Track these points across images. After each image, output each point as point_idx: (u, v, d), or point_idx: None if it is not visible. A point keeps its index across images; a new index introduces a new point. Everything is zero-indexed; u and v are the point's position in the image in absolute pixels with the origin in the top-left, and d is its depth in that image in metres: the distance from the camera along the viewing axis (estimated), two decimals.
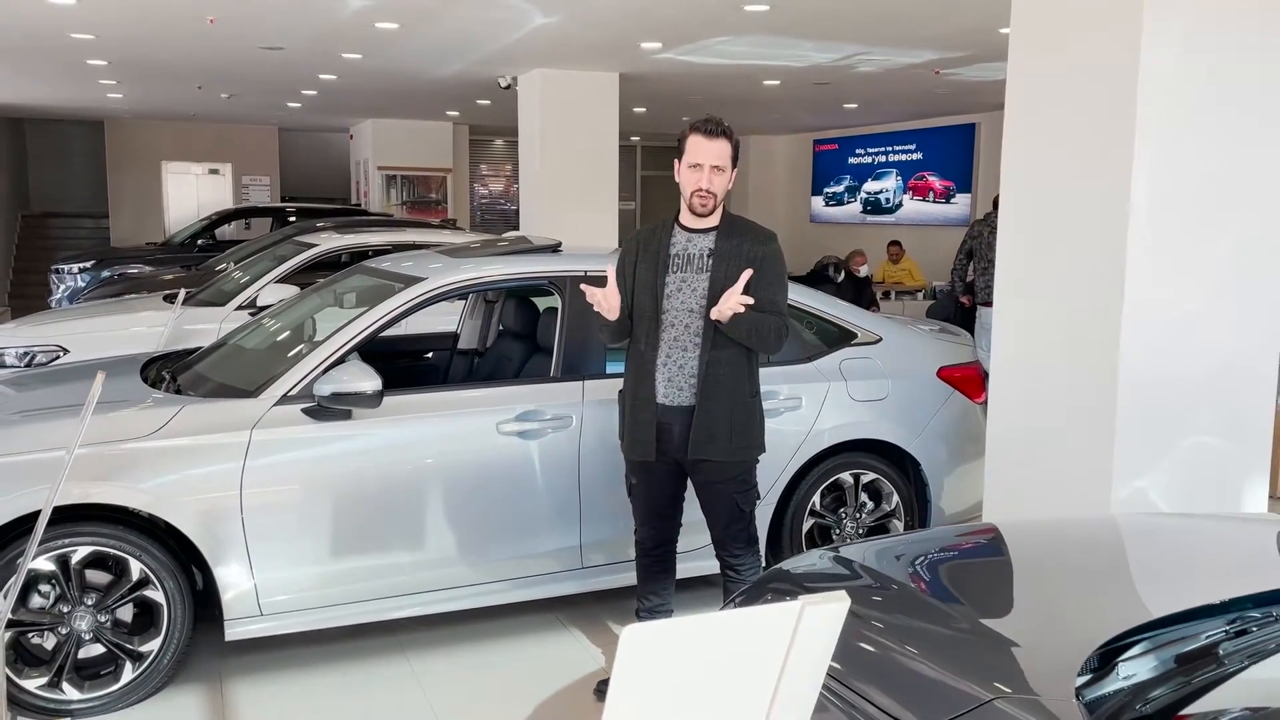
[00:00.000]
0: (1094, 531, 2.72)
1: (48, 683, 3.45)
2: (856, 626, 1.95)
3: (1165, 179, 3.63)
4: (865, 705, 1.69)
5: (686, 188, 3.38)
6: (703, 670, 1.55)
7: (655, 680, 1.52)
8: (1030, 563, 2.33)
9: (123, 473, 3.47)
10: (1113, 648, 1.75)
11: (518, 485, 3.97)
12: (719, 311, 3.22)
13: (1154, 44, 3.55)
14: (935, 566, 2.26)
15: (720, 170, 3.34)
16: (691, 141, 3.34)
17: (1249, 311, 3.85)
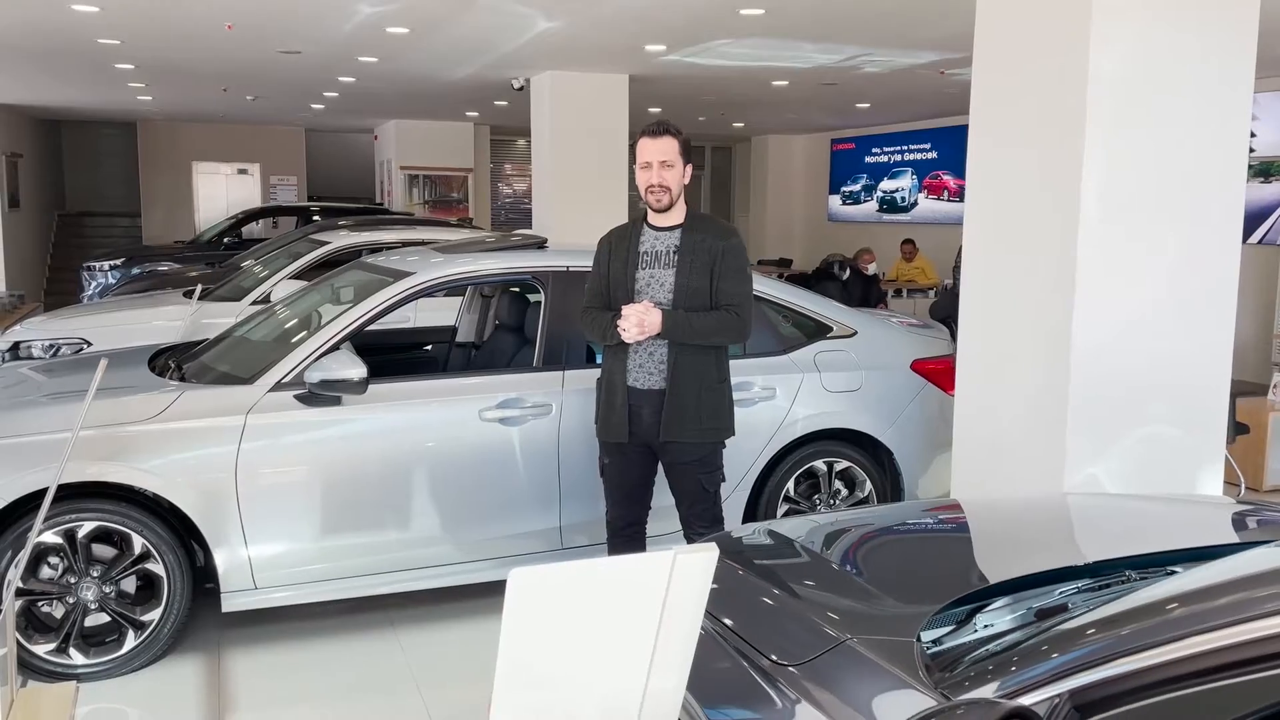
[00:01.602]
0: (1021, 509, 2.89)
1: (56, 648, 3.71)
2: (753, 584, 2.14)
3: (1115, 180, 3.78)
4: (746, 648, 1.89)
5: (641, 187, 3.58)
6: (589, 613, 1.75)
7: (544, 622, 1.73)
8: (941, 535, 2.52)
9: (126, 453, 3.72)
10: (983, 605, 1.93)
11: (500, 469, 4.18)
12: (626, 336, 3.47)
13: (1102, 51, 3.71)
14: (846, 538, 2.45)
15: (669, 165, 3.54)
16: (640, 144, 3.57)
17: (1200, 307, 3.98)
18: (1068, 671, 1.30)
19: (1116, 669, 1.25)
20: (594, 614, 1.75)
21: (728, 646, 1.94)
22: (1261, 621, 1.16)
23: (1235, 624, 1.17)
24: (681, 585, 1.76)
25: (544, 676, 1.77)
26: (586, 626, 1.76)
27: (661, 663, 1.82)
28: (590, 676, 1.80)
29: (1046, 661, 1.33)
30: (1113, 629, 1.31)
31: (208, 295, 7.56)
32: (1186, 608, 1.26)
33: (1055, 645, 1.35)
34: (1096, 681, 1.26)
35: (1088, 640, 1.33)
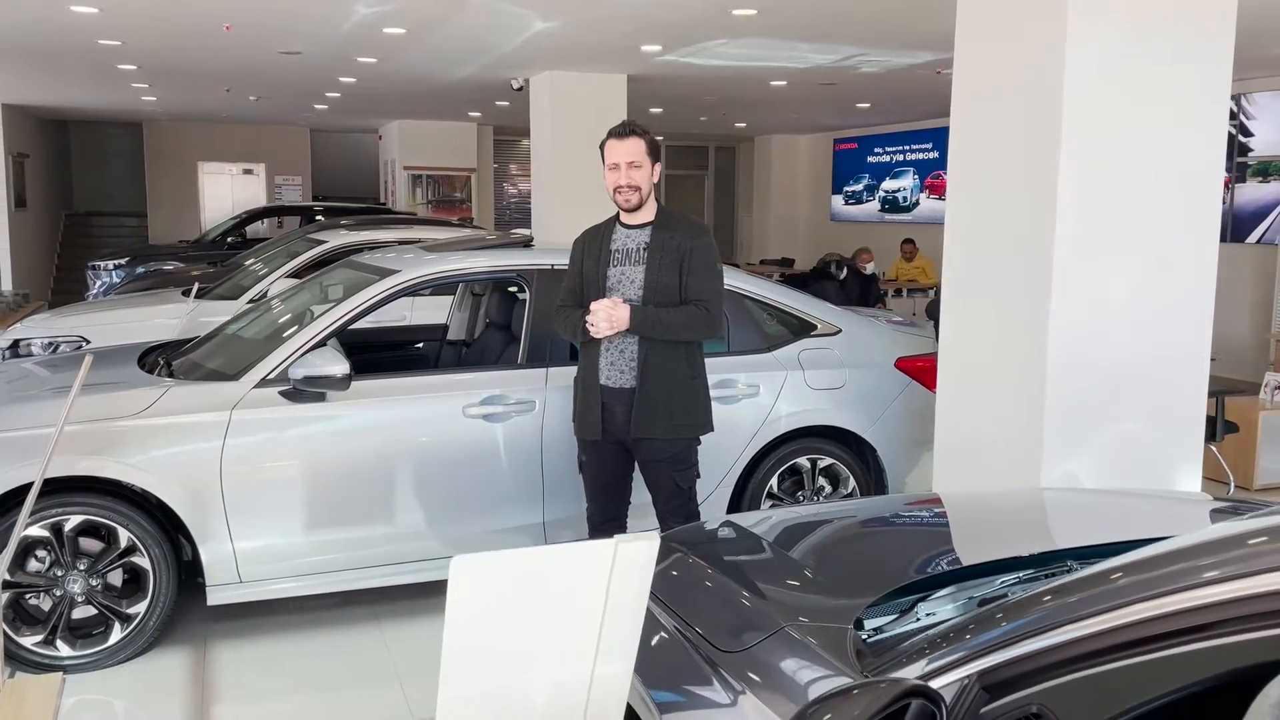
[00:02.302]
0: (987, 502, 2.92)
1: (43, 640, 3.77)
2: (708, 575, 2.18)
3: (1090, 181, 3.81)
4: (694, 635, 1.93)
5: (610, 188, 3.62)
6: (533, 600, 1.79)
7: (488, 609, 1.77)
8: (898, 527, 2.55)
9: (112, 448, 3.78)
10: (928, 594, 1.97)
11: (484, 465, 4.23)
12: (596, 331, 3.51)
13: (1078, 52, 3.73)
14: (804, 531, 2.49)
15: (637, 165, 3.58)
16: (607, 147, 3.60)
17: (1177, 306, 4.01)
18: (976, 654, 1.34)
19: (1019, 650, 1.29)
20: (539, 601, 1.79)
21: (678, 634, 1.98)
22: (1154, 601, 1.20)
23: (1130, 604, 1.21)
24: (624, 573, 1.80)
25: (491, 663, 1.82)
26: (532, 614, 1.80)
27: (608, 649, 1.86)
28: (538, 663, 1.85)
29: (957, 645, 1.37)
30: (1016, 613, 1.35)
31: (206, 294, 7.63)
32: (1086, 590, 1.29)
33: (965, 630, 1.39)
34: (1002, 662, 1.30)
35: (993, 624, 1.36)
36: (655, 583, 2.25)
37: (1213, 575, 1.17)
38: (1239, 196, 10.08)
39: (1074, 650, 1.24)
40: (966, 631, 1.38)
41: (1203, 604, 1.16)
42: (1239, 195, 10.08)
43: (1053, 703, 1.45)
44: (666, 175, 19.66)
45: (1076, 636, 1.23)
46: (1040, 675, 1.28)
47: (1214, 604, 1.16)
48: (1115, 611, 1.21)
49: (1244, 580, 1.19)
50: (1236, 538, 1.30)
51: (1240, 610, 1.17)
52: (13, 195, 13.96)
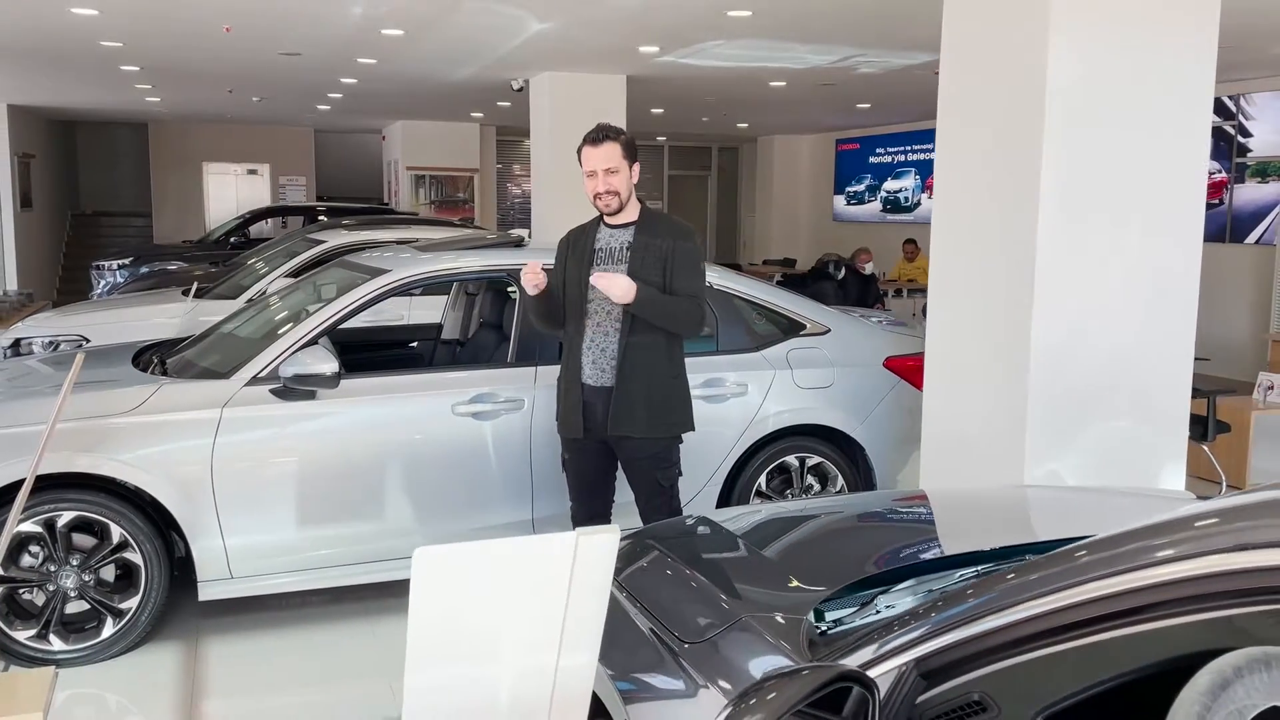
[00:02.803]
0: (962, 499, 2.95)
1: (36, 634, 3.82)
2: (677, 569, 2.22)
3: (1073, 181, 3.84)
4: (659, 627, 1.97)
5: (589, 195, 3.65)
6: (497, 592, 1.83)
7: (452, 600, 1.81)
8: (870, 523, 2.59)
9: (105, 445, 3.83)
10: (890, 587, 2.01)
11: (473, 463, 4.27)
12: (603, 286, 3.50)
13: (1060, 53, 3.76)
14: (776, 527, 2.53)
15: (614, 171, 3.60)
16: (583, 154, 3.63)
17: (1161, 306, 4.04)
18: (912, 643, 1.38)
19: (951, 637, 1.32)
20: (502, 593, 1.83)
21: (646, 627, 2.02)
22: (1077, 588, 1.23)
23: (1053, 591, 1.25)
24: (586, 565, 1.83)
25: (456, 653, 1.85)
26: (495, 605, 1.84)
27: (572, 640, 1.90)
28: (503, 653, 1.88)
29: (895, 634, 1.41)
30: (948, 603, 1.38)
31: (206, 293, 7.69)
32: (1012, 579, 1.33)
33: (903, 620, 1.42)
34: (936, 650, 1.34)
35: (928, 614, 1.40)
36: (626, 576, 2.30)
37: (1133, 562, 1.20)
38: (1238, 197, 10.09)
39: (1003, 636, 1.27)
40: (904, 621, 1.41)
41: (1126, 589, 1.20)
42: (1238, 196, 10.09)
43: (994, 690, 1.49)
44: (670, 176, 19.72)
45: (1004, 623, 1.27)
46: (974, 661, 1.32)
47: (1137, 589, 1.19)
48: (1041, 599, 1.25)
49: (1175, 564, 1.22)
50: (1170, 524, 1.33)
51: (1169, 594, 1.20)
52: (18, 195, 14.05)
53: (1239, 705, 1.32)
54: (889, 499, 2.95)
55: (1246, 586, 1.18)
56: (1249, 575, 1.17)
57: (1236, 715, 1.32)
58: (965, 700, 1.48)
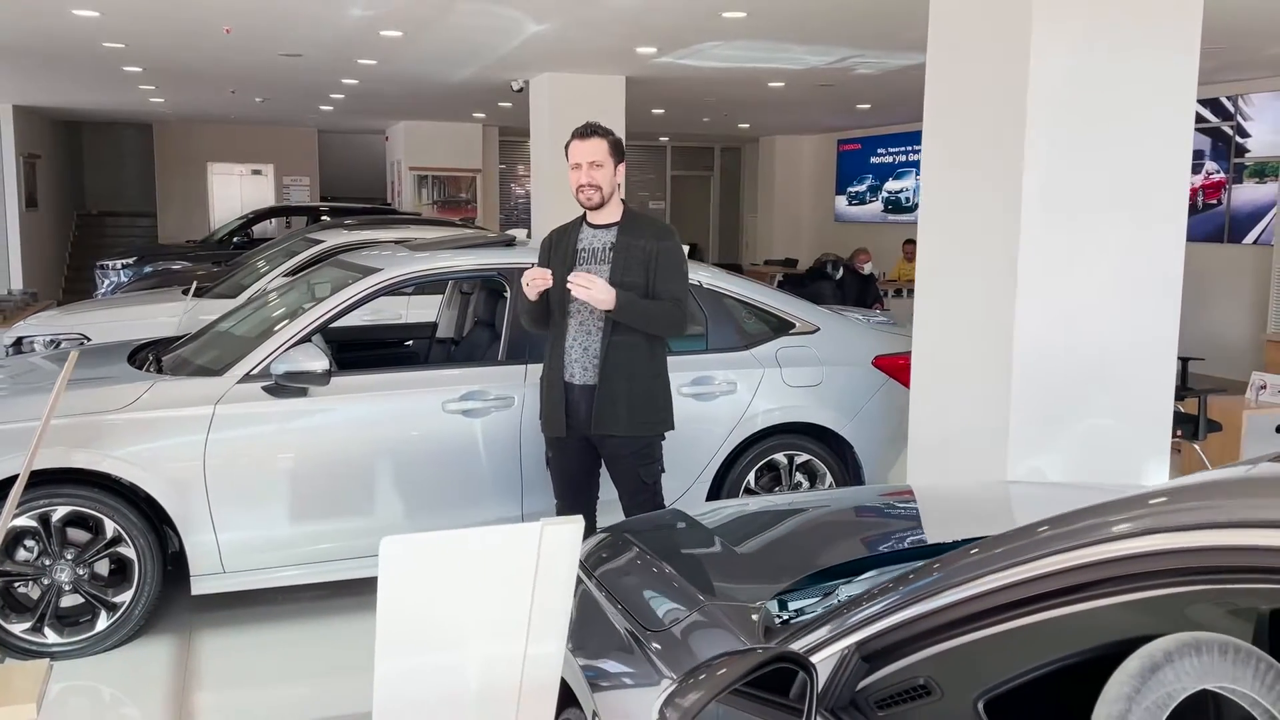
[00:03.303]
0: (940, 494, 3.00)
1: (31, 627, 3.88)
2: (647, 562, 2.27)
3: (1055, 179, 3.87)
4: (628, 617, 2.02)
5: (573, 187, 3.70)
6: (464, 581, 1.88)
7: (420, 589, 1.86)
8: (841, 517, 2.63)
9: (99, 441, 3.88)
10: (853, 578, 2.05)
11: (463, 459, 4.32)
12: (578, 292, 3.54)
13: (1042, 54, 3.80)
14: (749, 521, 2.58)
15: (599, 165, 3.65)
16: (570, 147, 3.68)
17: (1144, 303, 4.07)
18: (853, 627, 1.42)
19: (889, 621, 1.36)
20: (469, 581, 1.88)
21: (615, 616, 2.07)
22: (1007, 571, 1.27)
23: (982, 575, 1.29)
24: (551, 554, 1.88)
25: (425, 640, 1.90)
26: (463, 593, 1.89)
27: (539, 628, 1.95)
28: (471, 641, 1.93)
29: (839, 620, 1.45)
30: (886, 589, 1.43)
31: (206, 292, 7.76)
32: (951, 563, 1.37)
33: (849, 605, 1.47)
34: (875, 634, 1.38)
35: (870, 599, 1.44)
36: (598, 569, 2.34)
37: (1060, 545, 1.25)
38: (1236, 197, 10.10)
39: (937, 620, 1.32)
40: (847, 607, 1.46)
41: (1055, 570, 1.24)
42: (1236, 196, 10.10)
43: (937, 674, 1.53)
44: (672, 176, 19.76)
45: (936, 607, 1.31)
46: (912, 644, 1.36)
47: (1064, 570, 1.23)
48: (971, 582, 1.29)
49: (1103, 545, 1.26)
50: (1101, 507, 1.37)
51: (1097, 574, 1.24)
52: (24, 196, 14.15)
53: (1168, 689, 1.36)
54: (871, 494, 2.98)
55: (1176, 566, 1.21)
56: (1177, 555, 1.20)
57: (1165, 698, 1.36)
58: (911, 684, 1.52)
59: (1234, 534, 1.15)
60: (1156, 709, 1.36)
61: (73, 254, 17.49)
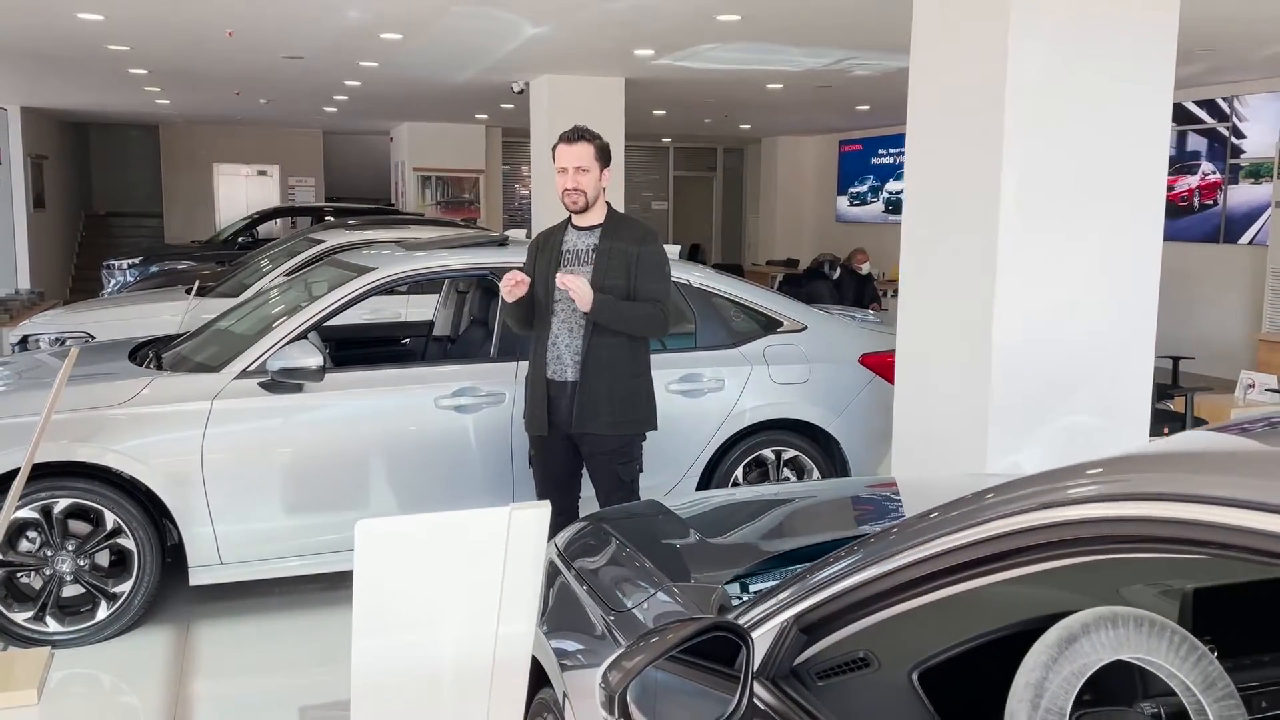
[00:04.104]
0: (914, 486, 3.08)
1: (33, 616, 3.99)
2: (619, 549, 2.36)
3: (1033, 179, 3.96)
4: (597, 600, 2.11)
5: (558, 190, 3.78)
6: (437, 563, 1.97)
7: (394, 570, 1.95)
8: (812, 506, 2.72)
9: (100, 435, 3.99)
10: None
11: (455, 454, 4.42)
12: (568, 287, 3.63)
13: (1019, 52, 3.88)
14: (720, 511, 2.67)
15: (585, 170, 3.74)
16: (557, 151, 3.76)
17: (1121, 301, 4.15)
18: (791, 601, 1.51)
19: (823, 595, 1.45)
20: (441, 563, 1.97)
21: (586, 600, 2.16)
22: (926, 545, 1.36)
23: (910, 548, 1.37)
24: (519, 538, 1.98)
25: (400, 622, 2.00)
26: (435, 574, 1.98)
27: (509, 608, 2.04)
28: (444, 621, 2.03)
29: (780, 595, 1.54)
30: (822, 564, 1.52)
31: (209, 291, 7.87)
32: (880, 540, 1.46)
33: (790, 581, 1.56)
34: (810, 606, 1.47)
35: (808, 575, 1.53)
36: (573, 555, 2.44)
37: (982, 516, 1.33)
38: (1232, 198, 10.16)
39: (865, 591, 1.41)
40: (787, 584, 1.55)
41: (975, 540, 1.32)
42: (1232, 197, 10.16)
43: (875, 647, 1.62)
44: (675, 177, 19.84)
45: (864, 579, 1.40)
46: (845, 616, 1.45)
47: (985, 539, 1.31)
48: (898, 555, 1.38)
49: (1014, 517, 1.33)
50: (1016, 482, 1.46)
51: (1011, 544, 1.31)
52: (32, 196, 14.29)
53: (1085, 660, 1.45)
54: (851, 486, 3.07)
55: (1081, 536, 1.27)
56: (1085, 525, 1.26)
57: (1082, 668, 1.44)
58: (851, 657, 1.61)
59: (1143, 506, 1.21)
60: (1074, 678, 1.45)
61: (79, 254, 17.64)
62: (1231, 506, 1.09)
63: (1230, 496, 1.09)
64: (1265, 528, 1.04)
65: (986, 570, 1.32)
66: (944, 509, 1.39)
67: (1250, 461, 1.22)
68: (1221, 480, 1.14)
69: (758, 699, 1.50)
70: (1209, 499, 1.11)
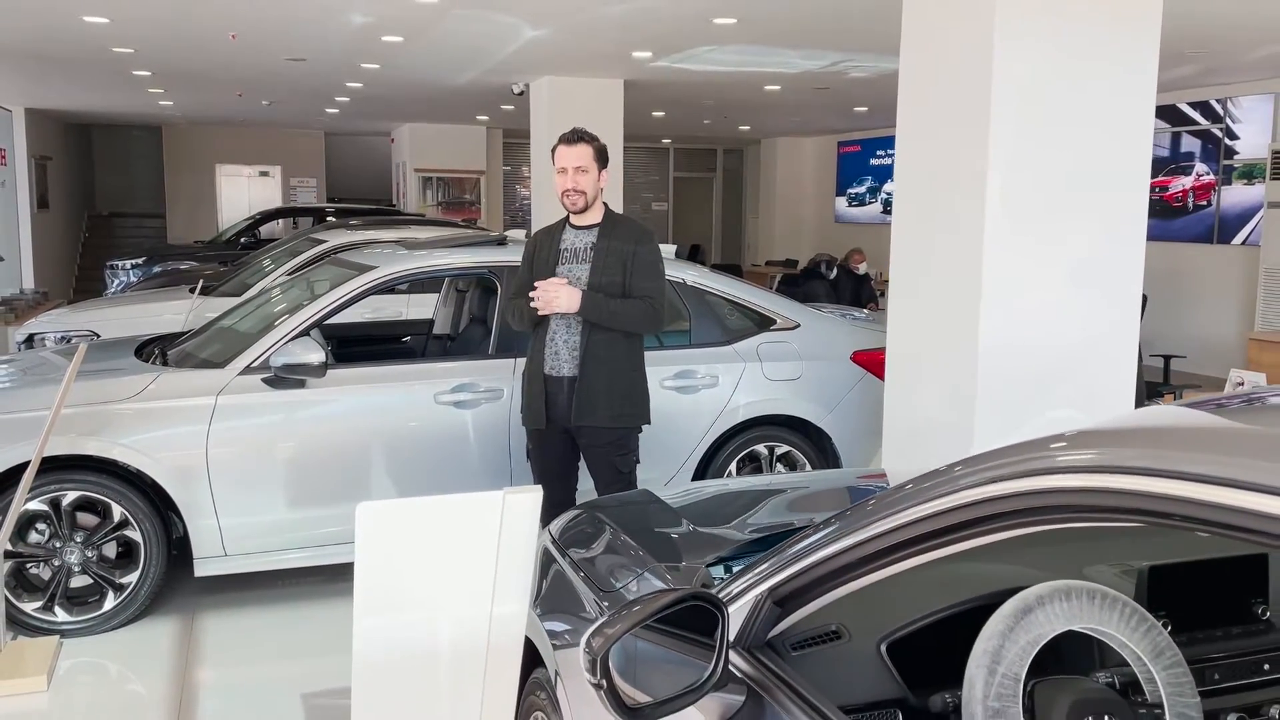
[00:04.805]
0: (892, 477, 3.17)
1: (42, 606, 4.09)
2: (606, 533, 2.46)
3: (1017, 179, 4.04)
4: (588, 583, 2.21)
5: (558, 191, 3.88)
6: (434, 544, 2.07)
7: (393, 552, 2.05)
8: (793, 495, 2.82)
9: (107, 429, 4.09)
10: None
11: (454, 448, 4.51)
12: (543, 307, 3.77)
13: (1004, 57, 3.97)
14: (708, 500, 2.77)
15: (584, 171, 3.83)
16: (557, 152, 3.85)
17: (1105, 299, 4.23)
18: (765, 575, 1.60)
19: (794, 568, 1.55)
20: (438, 545, 2.07)
21: (578, 583, 2.26)
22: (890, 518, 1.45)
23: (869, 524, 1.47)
24: (513, 521, 2.07)
25: (399, 602, 2.10)
26: (433, 556, 2.08)
27: (503, 590, 2.14)
28: (441, 601, 2.13)
29: (756, 569, 1.64)
30: (795, 540, 1.61)
31: (212, 290, 7.97)
32: (845, 515, 1.55)
33: (766, 557, 1.66)
34: (783, 580, 1.57)
35: (780, 549, 1.63)
36: (565, 539, 2.53)
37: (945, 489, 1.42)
38: (1225, 199, 10.25)
39: (833, 564, 1.50)
40: (763, 559, 1.65)
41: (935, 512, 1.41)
42: (1225, 197, 10.25)
43: (846, 620, 1.72)
44: (675, 178, 19.94)
45: (831, 552, 1.50)
46: (815, 588, 1.54)
47: (945, 510, 1.40)
48: (861, 529, 1.47)
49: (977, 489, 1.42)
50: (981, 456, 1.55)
51: (968, 515, 1.40)
52: (36, 197, 14.40)
53: (1040, 629, 1.55)
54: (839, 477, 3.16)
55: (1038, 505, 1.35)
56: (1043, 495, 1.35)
57: (1037, 637, 1.54)
58: (825, 630, 1.71)
59: (1091, 478, 1.30)
60: (1029, 646, 1.54)
61: (83, 254, 17.75)
62: (1163, 478, 1.18)
63: (1161, 469, 1.18)
64: (1198, 497, 1.12)
65: (950, 540, 1.40)
66: (916, 481, 1.49)
67: (1201, 437, 1.30)
68: (1163, 454, 1.23)
69: (735, 667, 1.59)
70: (1143, 470, 1.20)
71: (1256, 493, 1.08)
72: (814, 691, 1.48)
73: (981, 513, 1.35)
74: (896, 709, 1.62)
